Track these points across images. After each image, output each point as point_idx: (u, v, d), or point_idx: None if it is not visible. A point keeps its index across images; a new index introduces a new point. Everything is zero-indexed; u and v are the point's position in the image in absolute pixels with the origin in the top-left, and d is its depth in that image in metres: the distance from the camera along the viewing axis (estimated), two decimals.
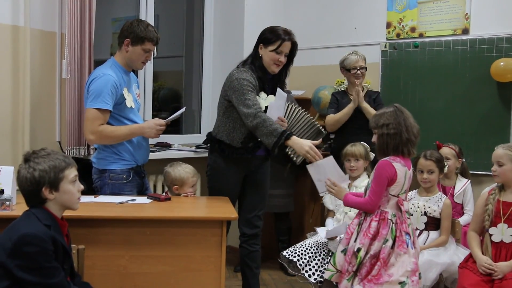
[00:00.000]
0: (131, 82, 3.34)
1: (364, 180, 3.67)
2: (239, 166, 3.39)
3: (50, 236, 2.12)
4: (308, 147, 3.05)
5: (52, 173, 2.19)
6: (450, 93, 4.46)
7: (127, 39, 3.19)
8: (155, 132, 3.21)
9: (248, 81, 3.23)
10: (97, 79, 3.11)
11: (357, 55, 4.19)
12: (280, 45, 3.30)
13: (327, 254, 3.42)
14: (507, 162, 2.98)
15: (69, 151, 3.62)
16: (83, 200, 2.70)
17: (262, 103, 3.28)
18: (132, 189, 3.27)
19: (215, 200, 3.32)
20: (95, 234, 2.67)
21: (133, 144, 3.26)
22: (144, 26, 3.19)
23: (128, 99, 3.22)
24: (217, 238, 2.76)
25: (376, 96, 4.27)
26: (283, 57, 3.33)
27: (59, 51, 3.71)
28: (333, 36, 5.12)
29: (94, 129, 3.08)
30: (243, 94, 3.20)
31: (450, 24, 4.50)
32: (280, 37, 3.31)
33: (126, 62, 3.25)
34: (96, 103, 3.07)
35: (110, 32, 4.71)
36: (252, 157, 3.39)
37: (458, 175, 4.01)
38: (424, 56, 4.57)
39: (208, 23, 5.12)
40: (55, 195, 2.21)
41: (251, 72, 3.31)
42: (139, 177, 3.33)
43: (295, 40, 3.38)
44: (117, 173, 3.21)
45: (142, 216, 2.76)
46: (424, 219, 3.43)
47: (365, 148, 3.77)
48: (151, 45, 3.21)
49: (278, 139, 3.07)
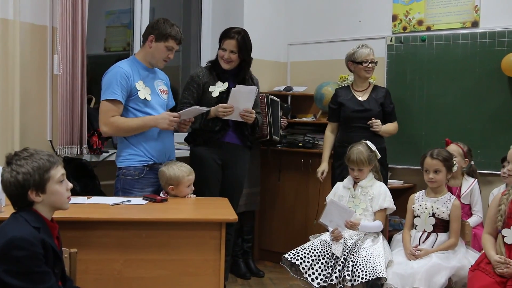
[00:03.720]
0: (154, 77, 3.50)
1: (370, 180, 3.64)
2: (214, 153, 3.79)
3: (39, 239, 2.10)
4: (218, 107, 3.61)
5: (36, 175, 2.16)
6: (459, 89, 4.44)
7: (152, 35, 3.37)
8: (168, 122, 3.34)
9: (192, 78, 3.78)
10: (107, 73, 3.33)
11: (367, 47, 4.15)
12: (222, 43, 3.77)
13: (331, 257, 3.40)
14: None
15: (61, 150, 3.60)
16: (75, 201, 2.70)
17: (216, 90, 3.76)
18: (144, 187, 3.34)
19: (213, 201, 3.32)
20: (88, 237, 2.66)
21: (148, 138, 3.37)
22: (170, 25, 3.39)
23: (142, 91, 3.36)
24: (216, 241, 2.75)
25: (386, 93, 4.22)
26: (227, 53, 3.73)
27: (50, 46, 3.69)
28: (336, 30, 5.10)
29: (107, 121, 3.28)
30: (183, 90, 3.81)
31: (459, 17, 4.48)
32: (224, 36, 3.78)
33: (149, 59, 3.44)
34: (105, 95, 3.27)
35: (104, 26, 4.70)
36: (224, 143, 3.79)
37: (465, 175, 3.99)
38: (432, 51, 4.56)
39: (206, 15, 5.11)
40: (43, 197, 2.19)
41: (207, 68, 3.83)
42: (157, 175, 3.38)
43: (240, 39, 3.74)
44: (129, 170, 3.34)
45: (137, 218, 2.75)
46: (432, 221, 3.41)
47: (368, 150, 3.68)
48: (174, 44, 3.40)
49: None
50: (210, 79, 3.79)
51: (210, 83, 3.78)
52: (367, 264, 3.23)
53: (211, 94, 3.75)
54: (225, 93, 3.73)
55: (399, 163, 4.66)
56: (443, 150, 3.58)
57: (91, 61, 4.18)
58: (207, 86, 3.77)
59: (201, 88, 3.77)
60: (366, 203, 3.59)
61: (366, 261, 3.25)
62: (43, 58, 3.69)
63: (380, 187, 3.63)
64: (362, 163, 3.60)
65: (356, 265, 3.25)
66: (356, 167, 3.61)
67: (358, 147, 3.66)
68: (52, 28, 3.68)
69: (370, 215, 3.58)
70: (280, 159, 5.00)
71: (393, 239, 3.70)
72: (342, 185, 3.74)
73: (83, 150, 3.71)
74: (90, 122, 3.77)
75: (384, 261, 3.28)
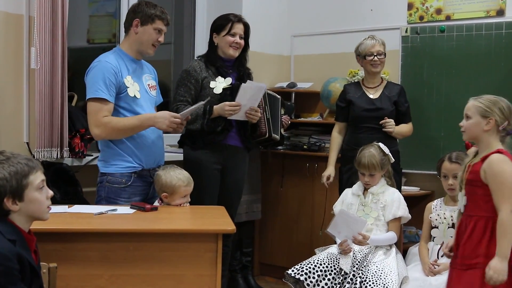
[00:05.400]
0: (142, 71, 3.50)
1: (382, 186, 3.64)
2: (213, 157, 3.77)
3: (15, 253, 2.09)
4: (224, 105, 3.60)
5: (13, 181, 2.15)
6: (482, 86, 4.43)
7: (136, 19, 3.38)
8: (167, 123, 3.32)
9: (189, 73, 3.75)
10: (92, 69, 3.30)
11: (373, 39, 4.15)
12: (231, 27, 3.79)
13: (338, 272, 3.40)
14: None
15: (39, 153, 3.60)
16: (55, 210, 2.70)
17: (219, 86, 3.73)
18: (131, 196, 3.34)
19: (209, 210, 3.32)
20: (69, 250, 2.65)
21: (136, 142, 3.35)
22: (153, 5, 3.41)
23: (131, 88, 3.35)
24: (211, 254, 2.75)
25: (401, 91, 4.22)
26: (238, 38, 3.79)
27: (27, 37, 3.68)
28: (345, 20, 5.11)
29: (98, 122, 3.24)
30: (178, 87, 3.78)
31: (482, 5, 4.48)
32: (230, 19, 3.80)
33: (136, 47, 3.42)
34: (91, 93, 3.24)
35: (87, 15, 4.71)
36: (226, 145, 3.78)
37: None
38: (452, 43, 4.56)
39: (200, 3, 5.11)
40: (20, 205, 2.18)
41: (203, 61, 3.82)
42: (145, 183, 3.40)
43: (246, 21, 3.85)
44: (115, 177, 3.32)
45: (124, 228, 2.75)
46: (451, 232, 3.40)
47: (381, 153, 3.67)
48: (162, 24, 3.41)
49: (204, 109, 3.59)
50: (209, 74, 3.77)
51: (209, 78, 3.76)
52: (378, 281, 3.22)
53: (212, 91, 3.72)
54: (229, 90, 3.74)
55: (414, 167, 4.66)
56: (463, 153, 3.57)
57: (72, 54, 4.19)
58: (207, 81, 3.75)
59: (199, 83, 3.75)
60: (377, 212, 3.58)
61: (377, 277, 3.24)
62: (19, 51, 3.68)
63: (393, 194, 3.63)
64: (374, 167, 3.59)
65: (365, 282, 3.24)
66: (367, 172, 3.61)
67: (370, 149, 3.65)
68: (29, 17, 3.67)
69: (382, 225, 3.58)
70: (283, 163, 5.00)
71: (409, 252, 3.70)
72: (351, 192, 3.74)
73: (64, 153, 3.70)
74: (72, 122, 3.76)
75: (397, 277, 3.28)
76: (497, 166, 2.66)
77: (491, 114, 2.74)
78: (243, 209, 4.57)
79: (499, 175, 2.64)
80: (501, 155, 2.68)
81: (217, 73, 3.78)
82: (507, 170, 2.64)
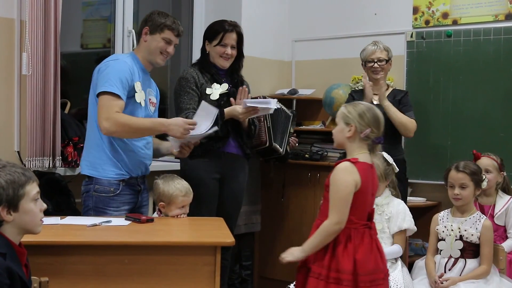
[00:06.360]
0: (148, 84, 3.51)
1: (387, 197, 3.64)
2: (211, 166, 3.80)
3: (5, 267, 2.09)
4: (240, 108, 3.66)
5: (10, 190, 2.16)
6: (491, 93, 4.45)
7: (146, 27, 3.42)
8: (181, 131, 3.32)
9: (188, 80, 3.78)
10: (108, 66, 3.29)
11: (375, 45, 4.17)
12: (222, 37, 3.80)
13: None
14: None
15: (30, 162, 3.60)
16: (47, 222, 2.70)
17: (216, 92, 3.79)
18: (120, 205, 3.32)
19: (207, 221, 3.32)
20: (61, 263, 2.65)
21: (127, 146, 3.33)
22: (164, 15, 3.45)
23: (139, 94, 3.37)
24: (210, 267, 2.75)
25: (403, 96, 4.24)
26: (229, 49, 3.81)
27: (18, 42, 3.69)
28: (348, 24, 5.12)
29: (109, 115, 3.20)
30: (179, 96, 3.79)
31: (490, 8, 4.50)
32: (222, 29, 3.81)
33: (145, 56, 3.45)
34: (106, 86, 3.21)
35: (80, 19, 4.71)
36: (224, 153, 3.80)
37: (499, 191, 3.99)
38: (459, 48, 4.57)
39: (198, 8, 5.13)
40: (14, 216, 2.19)
41: (197, 69, 3.84)
42: (133, 191, 3.39)
43: (240, 31, 3.86)
44: (103, 185, 3.30)
45: (118, 241, 2.75)
46: (459, 244, 3.41)
47: (385, 162, 3.67)
48: (171, 35, 3.43)
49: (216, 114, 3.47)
50: (205, 81, 3.82)
51: (205, 85, 3.82)
52: None
53: (209, 97, 3.77)
54: (225, 96, 3.79)
55: (420, 177, 4.67)
56: (471, 162, 3.59)
57: (65, 59, 4.19)
58: (204, 88, 3.81)
59: (199, 89, 3.80)
60: (382, 224, 3.58)
61: None
62: (10, 56, 3.69)
63: (398, 205, 3.63)
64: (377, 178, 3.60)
65: None
66: None
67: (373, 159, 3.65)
68: (21, 22, 3.68)
69: (387, 237, 3.58)
70: (284, 173, 5.00)
71: (415, 265, 3.70)
72: None
73: (56, 162, 3.70)
74: (65, 130, 3.77)
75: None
76: (336, 175, 2.77)
77: (351, 120, 2.80)
78: (242, 221, 4.57)
79: (334, 184, 2.75)
80: (349, 164, 2.76)
81: (212, 80, 3.83)
82: (342, 180, 2.73)
